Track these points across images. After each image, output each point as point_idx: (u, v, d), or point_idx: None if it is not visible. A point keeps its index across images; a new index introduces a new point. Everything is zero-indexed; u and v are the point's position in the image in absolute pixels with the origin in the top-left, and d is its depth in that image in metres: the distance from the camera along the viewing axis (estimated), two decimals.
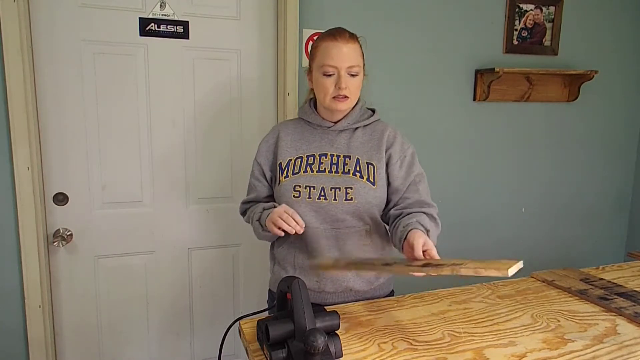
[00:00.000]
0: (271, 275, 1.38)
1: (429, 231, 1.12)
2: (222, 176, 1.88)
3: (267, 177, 1.32)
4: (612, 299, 1.22)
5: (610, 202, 2.55)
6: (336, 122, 1.27)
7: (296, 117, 1.37)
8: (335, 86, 1.19)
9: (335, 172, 1.22)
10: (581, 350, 0.98)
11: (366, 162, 1.23)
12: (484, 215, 2.28)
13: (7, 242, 1.61)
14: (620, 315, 1.15)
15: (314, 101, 1.31)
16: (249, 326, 1.06)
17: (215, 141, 1.85)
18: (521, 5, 2.14)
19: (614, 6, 2.32)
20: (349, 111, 1.27)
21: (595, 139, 2.44)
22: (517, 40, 2.16)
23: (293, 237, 1.24)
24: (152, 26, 1.69)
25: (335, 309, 1.14)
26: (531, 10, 2.16)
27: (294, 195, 1.22)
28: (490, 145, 2.23)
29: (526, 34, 2.17)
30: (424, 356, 0.95)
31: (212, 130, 1.84)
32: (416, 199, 1.23)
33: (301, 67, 1.83)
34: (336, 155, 1.24)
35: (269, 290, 1.42)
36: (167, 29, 1.71)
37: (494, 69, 2.00)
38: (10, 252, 1.62)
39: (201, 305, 1.94)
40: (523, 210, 2.36)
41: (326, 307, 1.06)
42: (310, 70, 1.26)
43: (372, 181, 1.22)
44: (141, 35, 1.68)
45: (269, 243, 1.39)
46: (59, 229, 1.69)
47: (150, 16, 1.69)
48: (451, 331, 1.05)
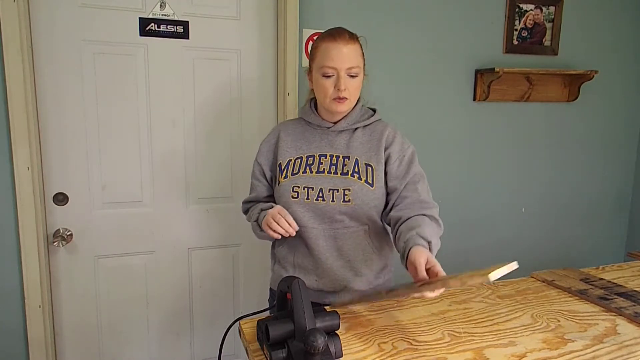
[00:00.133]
0: (272, 274, 1.38)
1: (430, 243, 1.07)
2: (222, 176, 1.88)
3: (267, 177, 1.33)
4: (612, 299, 1.22)
5: (610, 202, 2.55)
6: (336, 123, 1.27)
7: (297, 117, 1.37)
8: (334, 87, 1.19)
9: (334, 173, 1.22)
10: (581, 350, 0.98)
11: (365, 164, 1.22)
12: (484, 215, 2.28)
13: (7, 242, 1.61)
14: (620, 315, 1.15)
15: (314, 101, 1.31)
16: (249, 326, 1.06)
17: (215, 141, 1.85)
18: (521, 5, 2.14)
19: (614, 6, 2.33)
20: (349, 112, 1.27)
21: (595, 139, 2.44)
22: (517, 40, 2.16)
23: (293, 237, 1.24)
24: (152, 26, 1.69)
25: (335, 309, 1.14)
26: (531, 10, 2.16)
27: (292, 196, 1.22)
28: (490, 145, 2.23)
29: (526, 34, 2.17)
30: (424, 356, 0.95)
31: (212, 130, 1.84)
32: (415, 198, 1.21)
33: (301, 67, 1.83)
34: (335, 156, 1.24)
35: (269, 288, 1.43)
36: (167, 29, 1.71)
37: (494, 69, 2.00)
38: (10, 252, 1.62)
39: (201, 305, 1.94)
40: (523, 210, 2.36)
41: (326, 307, 1.06)
42: (310, 70, 1.26)
43: (371, 182, 1.21)
44: (141, 35, 1.69)
45: (270, 242, 1.39)
46: (59, 229, 1.69)
47: (150, 16, 1.69)
48: (451, 331, 1.05)
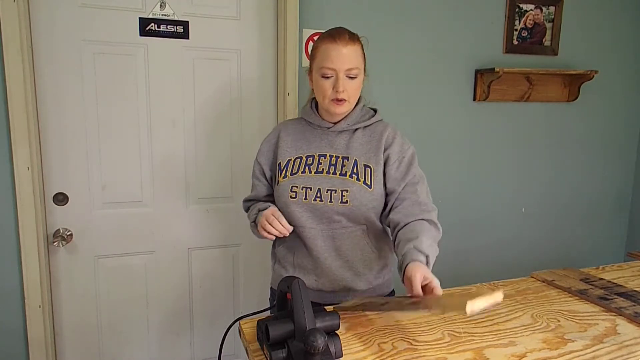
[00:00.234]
0: (272, 274, 1.39)
1: (428, 256, 1.06)
2: (222, 176, 1.88)
3: (267, 176, 1.33)
4: (612, 299, 1.22)
5: (610, 202, 2.55)
6: (336, 123, 1.27)
7: (298, 117, 1.37)
8: (332, 89, 1.18)
9: (332, 174, 1.22)
10: (581, 350, 0.98)
11: (364, 165, 1.22)
12: (484, 215, 2.28)
13: (7, 242, 1.61)
14: (620, 315, 1.15)
15: (315, 101, 1.31)
16: (249, 326, 1.06)
17: (216, 141, 1.85)
18: (521, 5, 2.13)
19: (614, 6, 2.32)
20: (349, 112, 1.26)
21: (595, 139, 2.44)
22: (517, 40, 2.16)
23: (292, 236, 1.25)
24: (152, 26, 1.69)
25: (335, 309, 1.14)
26: (531, 10, 2.15)
27: (290, 196, 1.23)
28: (490, 145, 2.23)
29: (526, 34, 2.17)
30: (424, 356, 0.95)
31: (212, 130, 1.84)
32: (414, 200, 1.20)
33: (301, 67, 1.83)
34: (335, 156, 1.24)
35: (270, 288, 1.43)
36: (167, 29, 1.71)
37: (494, 69, 2.00)
38: (10, 252, 1.62)
39: (201, 305, 1.94)
40: (523, 210, 2.36)
41: (326, 307, 1.06)
42: (310, 70, 1.26)
43: (369, 184, 1.21)
44: (141, 35, 1.68)
45: (270, 242, 1.40)
46: (59, 229, 1.69)
47: (150, 16, 1.69)
48: (451, 331, 1.05)
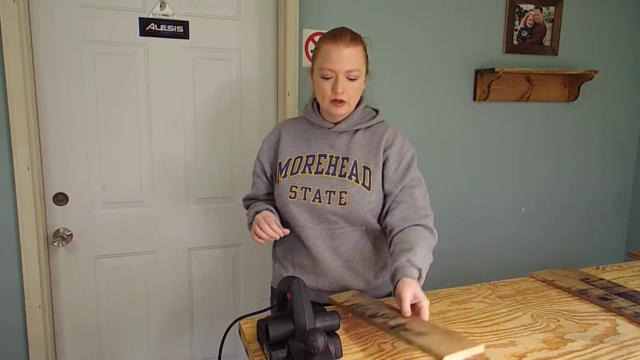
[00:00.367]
0: (273, 273, 1.39)
1: (421, 270, 1.05)
2: (222, 176, 1.88)
3: (268, 174, 1.33)
4: (612, 299, 1.22)
5: (610, 202, 2.55)
6: (337, 123, 1.27)
7: (300, 116, 1.37)
8: (332, 90, 1.18)
9: (332, 174, 1.22)
10: (581, 350, 0.98)
11: (363, 166, 1.22)
12: (484, 215, 2.28)
13: (7, 242, 1.61)
14: (620, 315, 1.15)
15: (316, 101, 1.30)
16: (249, 326, 1.06)
17: (215, 141, 1.85)
18: (521, 5, 2.13)
19: (614, 6, 2.32)
20: (349, 113, 1.26)
21: (595, 139, 2.44)
22: (517, 40, 2.16)
23: (292, 236, 1.25)
24: (152, 26, 1.69)
25: (328, 300, 1.15)
26: (531, 10, 2.15)
27: (290, 196, 1.23)
28: (490, 145, 2.23)
29: (526, 34, 2.17)
30: (424, 356, 0.94)
31: (212, 130, 1.84)
32: (410, 203, 1.19)
33: (301, 67, 1.83)
34: (335, 157, 1.24)
35: (271, 287, 1.43)
36: (167, 29, 1.71)
37: (494, 69, 2.00)
38: (10, 252, 1.62)
39: (201, 305, 1.94)
40: (523, 210, 2.36)
41: (326, 307, 1.06)
42: (312, 70, 1.26)
43: (368, 186, 1.20)
44: (141, 35, 1.68)
45: (271, 242, 1.39)
46: (59, 229, 1.69)
47: (150, 16, 1.69)
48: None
